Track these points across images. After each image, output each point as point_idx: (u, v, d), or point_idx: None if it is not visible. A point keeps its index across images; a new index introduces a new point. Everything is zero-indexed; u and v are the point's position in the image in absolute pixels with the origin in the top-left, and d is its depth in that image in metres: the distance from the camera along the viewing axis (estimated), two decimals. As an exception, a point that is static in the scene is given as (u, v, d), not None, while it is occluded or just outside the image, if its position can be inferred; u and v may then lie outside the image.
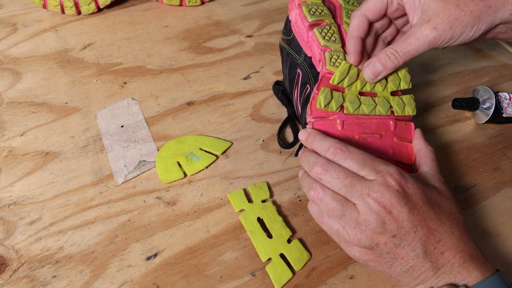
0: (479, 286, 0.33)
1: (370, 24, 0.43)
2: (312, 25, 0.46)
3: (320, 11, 0.47)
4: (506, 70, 0.62)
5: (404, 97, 0.44)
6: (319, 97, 0.41)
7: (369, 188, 0.34)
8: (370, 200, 0.34)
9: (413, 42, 0.39)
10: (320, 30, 0.45)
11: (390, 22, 0.45)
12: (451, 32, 0.38)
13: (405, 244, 0.34)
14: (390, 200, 0.34)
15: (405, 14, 0.43)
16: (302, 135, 0.41)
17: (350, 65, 0.42)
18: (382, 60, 0.40)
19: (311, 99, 0.42)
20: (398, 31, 0.46)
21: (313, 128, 0.41)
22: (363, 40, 0.43)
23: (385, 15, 0.43)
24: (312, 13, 0.46)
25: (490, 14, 0.38)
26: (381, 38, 0.46)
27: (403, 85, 0.44)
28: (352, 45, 0.42)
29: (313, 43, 0.46)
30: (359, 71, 0.43)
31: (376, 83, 0.43)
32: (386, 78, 0.43)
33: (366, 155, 0.37)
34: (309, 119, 0.42)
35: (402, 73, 0.44)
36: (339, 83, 0.42)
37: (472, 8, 0.38)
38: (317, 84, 0.43)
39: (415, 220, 0.34)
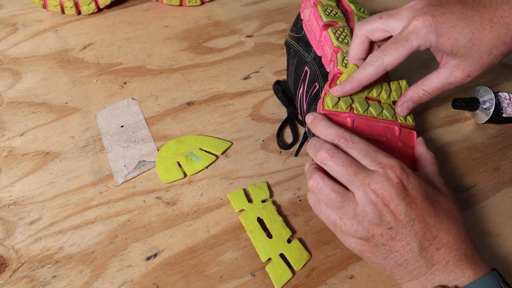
0: (470, 287, 0.33)
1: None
2: (326, 25, 0.47)
3: (334, 13, 0.48)
4: (506, 70, 0.62)
5: None
6: (326, 99, 0.42)
7: (371, 178, 0.35)
8: (370, 191, 0.34)
9: (445, 87, 0.41)
10: (334, 31, 0.46)
11: None
12: (482, 74, 0.40)
13: (401, 237, 0.34)
14: (389, 193, 0.34)
15: None
16: (308, 118, 0.41)
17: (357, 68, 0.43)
18: (414, 100, 0.42)
19: (322, 95, 0.43)
20: None
21: None
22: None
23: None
24: (327, 13, 0.47)
25: None
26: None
27: None
28: (354, 91, 0.42)
29: (325, 42, 0.47)
30: None
31: (381, 90, 0.44)
32: (390, 87, 0.45)
33: (369, 146, 0.37)
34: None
35: (403, 84, 0.46)
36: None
37: (503, 51, 0.39)
38: (328, 82, 0.44)
39: (412, 214, 0.34)
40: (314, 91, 0.47)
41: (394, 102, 0.45)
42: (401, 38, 0.38)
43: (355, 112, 0.42)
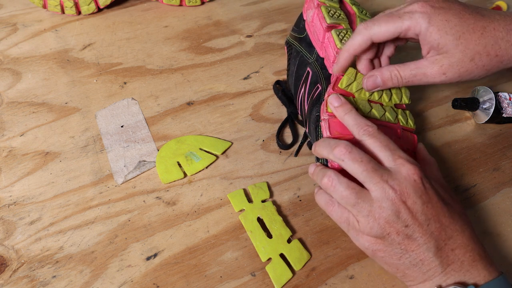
0: (488, 286, 0.33)
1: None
2: (329, 27, 0.47)
3: (338, 15, 0.48)
4: (506, 70, 0.61)
5: (405, 111, 0.46)
6: (329, 99, 0.42)
7: (389, 175, 0.35)
8: (388, 187, 0.34)
9: (418, 76, 0.40)
10: (337, 33, 0.46)
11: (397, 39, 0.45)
12: (458, 79, 0.39)
13: (417, 236, 0.34)
14: (407, 189, 0.34)
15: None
16: (336, 101, 0.40)
17: (357, 71, 0.43)
18: (384, 78, 0.41)
19: (325, 97, 0.43)
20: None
21: (329, 125, 0.41)
22: (354, 57, 0.43)
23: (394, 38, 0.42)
24: (331, 15, 0.47)
25: (501, 66, 0.39)
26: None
27: (405, 100, 0.45)
28: (343, 60, 0.42)
29: (329, 44, 0.46)
30: None
31: (382, 93, 0.44)
32: (390, 90, 0.45)
33: (391, 142, 0.37)
34: (323, 116, 0.42)
35: (403, 88, 0.46)
36: (347, 87, 0.43)
37: (485, 63, 0.38)
38: (331, 84, 0.44)
39: (428, 213, 0.34)
40: (317, 92, 0.47)
41: (396, 105, 0.45)
42: (395, 14, 0.39)
43: None
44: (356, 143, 0.38)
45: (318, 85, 0.47)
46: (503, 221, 0.45)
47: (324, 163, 0.41)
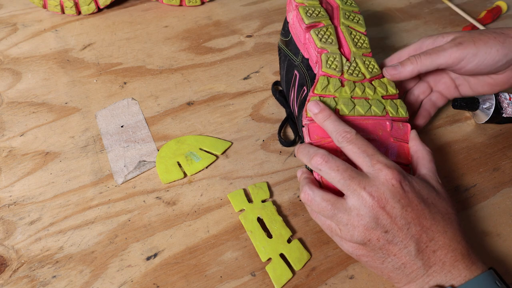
0: (465, 286, 0.33)
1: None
2: (309, 27, 0.46)
3: (317, 13, 0.47)
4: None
5: (395, 100, 0.44)
6: (309, 105, 0.41)
7: (366, 181, 0.35)
8: (365, 194, 0.34)
9: (439, 59, 0.43)
10: (316, 32, 0.45)
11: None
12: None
13: (398, 240, 0.34)
14: (384, 195, 0.34)
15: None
16: (314, 108, 0.41)
17: (328, 77, 0.43)
18: (406, 67, 0.44)
19: (306, 102, 0.42)
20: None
21: (308, 130, 0.41)
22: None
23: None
24: (309, 15, 0.46)
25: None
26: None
27: (391, 90, 0.45)
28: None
29: (310, 45, 0.46)
30: (343, 80, 0.43)
31: (365, 88, 0.44)
32: (372, 83, 0.45)
33: (370, 146, 0.37)
34: (305, 121, 0.42)
35: (385, 80, 0.45)
36: (323, 90, 0.43)
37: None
38: (312, 87, 0.43)
39: (408, 217, 0.34)
40: (303, 95, 0.46)
41: (384, 97, 0.44)
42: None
43: (340, 113, 0.42)
44: (337, 148, 0.39)
45: (305, 87, 0.46)
46: (503, 221, 0.45)
47: (309, 168, 0.41)
